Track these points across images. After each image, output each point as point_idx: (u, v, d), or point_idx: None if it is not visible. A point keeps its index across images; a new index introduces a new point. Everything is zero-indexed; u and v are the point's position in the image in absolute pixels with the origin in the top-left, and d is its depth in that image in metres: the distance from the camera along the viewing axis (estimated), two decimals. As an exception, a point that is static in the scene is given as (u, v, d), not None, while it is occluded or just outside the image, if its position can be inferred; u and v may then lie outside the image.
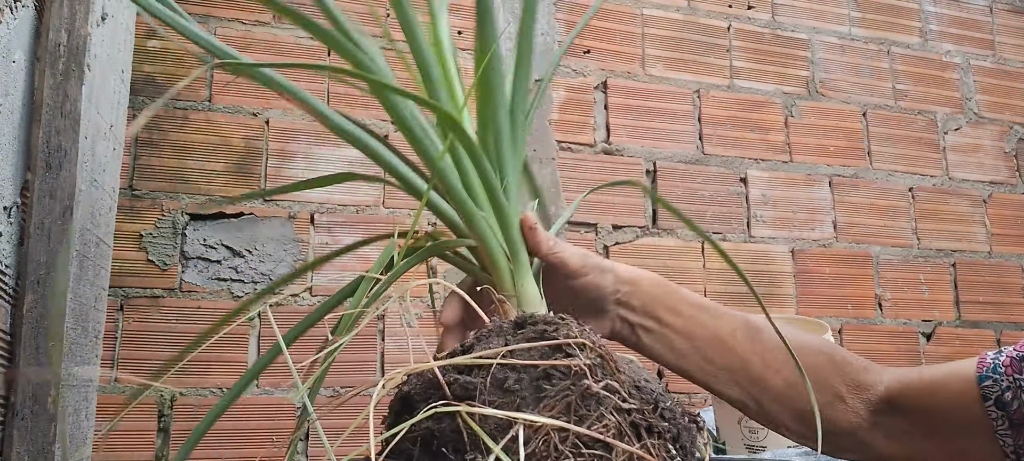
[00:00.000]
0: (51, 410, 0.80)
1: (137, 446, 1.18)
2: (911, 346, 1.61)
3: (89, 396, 1.07)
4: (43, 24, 0.83)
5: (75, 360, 0.92)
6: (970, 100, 1.80)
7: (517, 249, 0.58)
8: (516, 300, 0.57)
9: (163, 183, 1.27)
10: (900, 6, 1.80)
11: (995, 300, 1.69)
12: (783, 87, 1.66)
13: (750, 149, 1.61)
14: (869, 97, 1.72)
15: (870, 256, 1.63)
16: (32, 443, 0.77)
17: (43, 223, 0.80)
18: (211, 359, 1.22)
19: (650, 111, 1.56)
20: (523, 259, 0.58)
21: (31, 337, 0.77)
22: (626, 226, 1.49)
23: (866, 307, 1.60)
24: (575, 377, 0.44)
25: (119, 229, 1.22)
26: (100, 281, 1.06)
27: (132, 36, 1.22)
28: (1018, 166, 1.80)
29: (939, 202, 1.71)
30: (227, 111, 1.32)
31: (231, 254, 1.27)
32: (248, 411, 1.23)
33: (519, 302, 0.57)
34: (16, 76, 0.76)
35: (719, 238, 1.54)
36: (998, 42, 1.86)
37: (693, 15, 1.64)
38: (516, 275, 0.57)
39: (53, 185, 0.81)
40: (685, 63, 1.61)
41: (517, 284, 0.57)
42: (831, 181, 1.65)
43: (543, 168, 1.46)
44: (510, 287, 0.57)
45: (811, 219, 1.61)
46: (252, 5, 1.36)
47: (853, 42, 1.74)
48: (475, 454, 0.41)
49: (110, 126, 1.06)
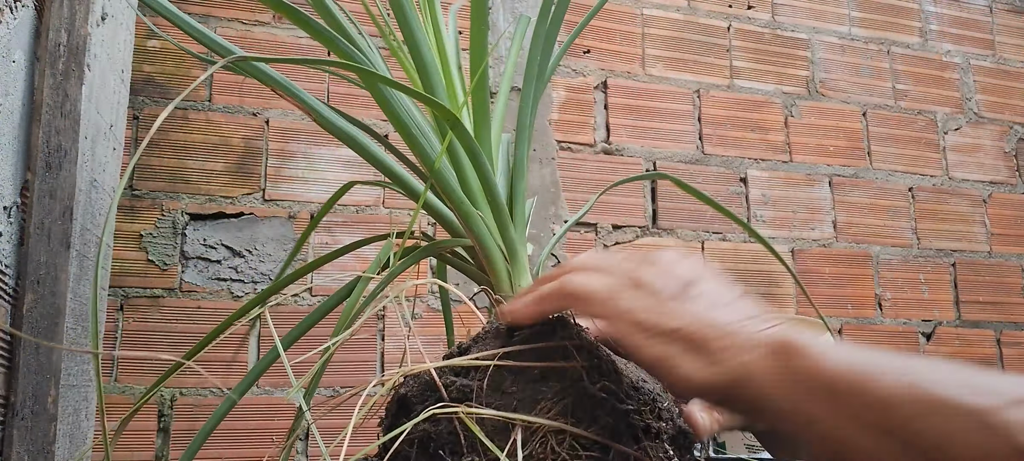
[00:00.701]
0: (51, 410, 0.80)
1: (137, 446, 1.18)
2: (911, 346, 1.61)
3: (89, 396, 1.07)
4: (43, 24, 0.83)
5: (75, 360, 0.92)
6: (970, 100, 1.80)
7: (515, 249, 0.57)
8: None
9: (163, 183, 1.27)
10: (900, 6, 1.80)
11: (995, 300, 1.69)
12: (783, 87, 1.66)
13: (750, 149, 1.61)
14: (869, 97, 1.72)
15: (870, 256, 1.63)
16: (32, 443, 0.77)
17: (43, 223, 0.80)
18: (211, 359, 1.22)
19: (650, 111, 1.56)
20: (521, 260, 0.57)
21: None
22: (626, 226, 1.49)
23: (866, 307, 1.60)
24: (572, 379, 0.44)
25: (119, 229, 1.22)
26: (100, 281, 1.06)
27: (132, 36, 1.22)
28: (1018, 166, 1.79)
29: (939, 202, 1.71)
30: (227, 111, 1.32)
31: (231, 254, 1.27)
32: (248, 411, 1.23)
33: None
34: (16, 76, 0.77)
35: (719, 238, 1.54)
36: (998, 42, 1.86)
37: (693, 15, 1.64)
38: (514, 275, 0.57)
39: (53, 185, 0.81)
40: (685, 63, 1.61)
41: (515, 285, 0.56)
42: (831, 181, 1.65)
43: (543, 168, 1.46)
44: (508, 288, 0.56)
45: (811, 219, 1.61)
46: (252, 5, 1.36)
47: (853, 42, 1.74)
48: (472, 456, 0.41)
49: (110, 126, 1.06)
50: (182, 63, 1.31)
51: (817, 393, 0.38)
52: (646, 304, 0.44)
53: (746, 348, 0.41)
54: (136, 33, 1.28)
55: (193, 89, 1.31)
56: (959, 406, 0.35)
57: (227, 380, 1.23)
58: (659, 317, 0.43)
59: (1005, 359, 1.66)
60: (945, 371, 0.37)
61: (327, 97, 1.37)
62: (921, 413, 0.36)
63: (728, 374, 0.41)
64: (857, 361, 0.39)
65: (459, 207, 0.56)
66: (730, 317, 0.43)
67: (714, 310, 0.44)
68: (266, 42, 1.36)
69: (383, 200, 1.37)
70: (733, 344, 0.42)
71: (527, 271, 0.58)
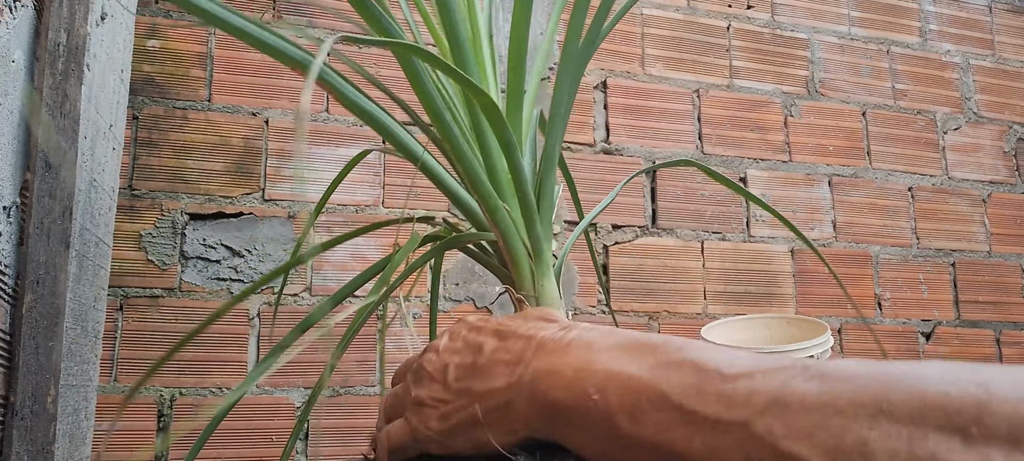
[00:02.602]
0: (51, 410, 0.80)
1: (137, 446, 1.18)
2: (911, 346, 1.61)
3: (89, 396, 1.07)
4: (42, 24, 0.83)
5: (75, 360, 0.92)
6: (970, 100, 1.80)
7: (541, 248, 0.54)
8: (535, 300, 0.54)
9: (163, 183, 1.27)
10: (900, 6, 1.80)
11: (995, 300, 1.69)
12: (782, 87, 1.66)
13: (750, 149, 1.61)
14: (869, 97, 1.72)
15: (869, 256, 1.63)
16: (32, 443, 0.77)
17: (43, 223, 0.80)
18: (211, 359, 1.22)
19: (650, 111, 1.56)
20: (545, 259, 0.55)
21: (30, 337, 0.77)
22: (625, 226, 1.49)
23: (866, 307, 1.60)
24: None
25: (119, 229, 1.22)
26: (99, 281, 1.06)
27: (132, 36, 1.22)
28: (1017, 166, 1.80)
29: (938, 202, 1.71)
30: (227, 111, 1.32)
31: (231, 254, 1.27)
32: (248, 411, 1.23)
33: (537, 302, 0.54)
34: (15, 76, 0.76)
35: (719, 238, 1.54)
36: (998, 42, 1.86)
37: (693, 15, 1.64)
38: (537, 274, 0.54)
39: (53, 185, 0.81)
40: (685, 63, 1.61)
41: (537, 284, 0.54)
42: (830, 181, 1.65)
43: (543, 168, 1.46)
44: (530, 287, 0.54)
45: (810, 219, 1.61)
46: (251, 4, 1.36)
47: (853, 42, 1.74)
48: None
49: (110, 126, 1.06)
50: (182, 63, 1.31)
51: (584, 426, 0.38)
52: (433, 414, 0.45)
53: (520, 399, 0.41)
54: (136, 33, 1.28)
55: (187, 87, 1.31)
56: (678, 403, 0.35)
57: (227, 380, 1.23)
58: (448, 420, 0.44)
59: (1005, 359, 1.66)
60: (674, 375, 0.36)
61: (327, 102, 1.37)
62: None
63: (522, 431, 0.41)
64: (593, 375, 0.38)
65: (486, 199, 0.53)
66: (492, 372, 0.43)
67: (478, 373, 0.44)
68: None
69: (383, 200, 1.37)
70: (508, 400, 0.42)
71: (551, 271, 0.55)
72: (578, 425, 0.38)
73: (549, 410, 0.39)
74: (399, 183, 1.38)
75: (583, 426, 0.38)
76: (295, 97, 1.35)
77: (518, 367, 0.42)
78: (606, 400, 0.36)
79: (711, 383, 0.33)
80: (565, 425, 0.39)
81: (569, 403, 0.38)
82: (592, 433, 0.37)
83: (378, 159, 1.38)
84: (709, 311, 1.50)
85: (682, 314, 1.48)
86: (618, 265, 1.46)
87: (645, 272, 1.48)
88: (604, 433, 0.36)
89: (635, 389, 0.35)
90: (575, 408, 0.38)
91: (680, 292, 1.50)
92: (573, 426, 0.38)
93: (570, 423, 0.38)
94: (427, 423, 0.45)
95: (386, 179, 1.37)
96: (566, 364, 0.39)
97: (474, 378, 0.44)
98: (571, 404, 0.38)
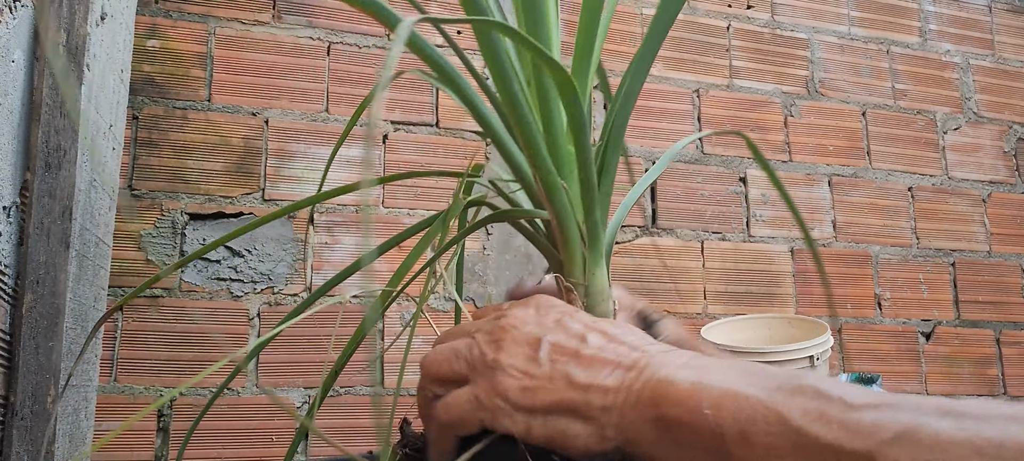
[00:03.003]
0: (51, 410, 0.80)
1: (137, 446, 1.18)
2: (910, 346, 1.61)
3: (89, 396, 1.07)
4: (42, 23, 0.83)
5: (75, 360, 0.92)
6: (969, 100, 1.80)
7: (597, 234, 0.52)
8: (584, 289, 0.52)
9: (163, 183, 1.27)
10: (900, 6, 1.80)
11: (994, 300, 1.69)
12: (782, 87, 1.66)
13: (749, 149, 1.61)
14: (868, 97, 1.72)
15: (869, 256, 1.63)
16: (32, 443, 0.77)
17: (42, 223, 0.80)
18: (211, 359, 1.22)
19: (650, 110, 1.56)
20: (600, 247, 0.52)
21: (30, 337, 0.77)
22: (625, 225, 1.49)
23: (866, 307, 1.60)
24: None
25: (118, 229, 1.22)
26: (99, 281, 1.06)
27: (131, 36, 1.22)
28: (1017, 166, 1.80)
29: (938, 202, 1.71)
30: (226, 110, 1.32)
31: (230, 254, 1.27)
32: (248, 411, 1.23)
33: (586, 293, 0.52)
34: (15, 75, 0.76)
35: (719, 238, 1.54)
36: (997, 42, 1.86)
37: (693, 15, 1.64)
38: (589, 263, 0.52)
39: (52, 185, 0.81)
40: (685, 63, 1.61)
41: (588, 273, 0.52)
42: (830, 181, 1.65)
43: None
44: (580, 274, 0.52)
45: (810, 219, 1.61)
46: (252, 4, 1.36)
47: (853, 42, 1.74)
48: None
49: (109, 126, 1.06)
50: (182, 63, 1.31)
51: (690, 444, 0.37)
52: (515, 385, 0.41)
53: (626, 406, 0.39)
54: (136, 33, 1.28)
55: (187, 87, 1.31)
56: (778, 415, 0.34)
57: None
58: (533, 396, 0.41)
59: (1004, 359, 1.66)
60: (794, 399, 0.35)
61: (327, 96, 1.37)
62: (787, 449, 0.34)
63: (615, 439, 0.39)
64: (723, 398, 0.36)
65: (545, 177, 0.49)
66: (601, 369, 0.41)
67: (582, 363, 0.41)
68: (266, 41, 1.36)
69: (383, 200, 1.37)
70: (613, 403, 0.39)
71: (603, 261, 0.53)
72: (683, 442, 0.37)
73: (657, 422, 0.38)
74: (399, 183, 1.38)
75: (688, 444, 0.37)
76: (295, 97, 1.35)
77: (630, 372, 0.40)
78: (719, 418, 0.35)
79: (835, 410, 0.32)
80: (668, 442, 0.37)
81: (680, 418, 0.37)
82: (693, 452, 0.36)
83: (378, 159, 1.38)
84: (709, 311, 1.50)
85: (682, 314, 1.48)
86: (618, 265, 1.46)
87: (645, 272, 1.48)
88: (708, 453, 0.36)
89: (752, 408, 0.35)
90: (686, 424, 0.36)
91: (680, 292, 1.50)
92: (677, 444, 0.37)
93: (675, 440, 0.37)
94: (506, 393, 0.41)
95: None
96: (683, 378, 0.38)
97: (576, 365, 0.41)
98: (682, 419, 0.37)
